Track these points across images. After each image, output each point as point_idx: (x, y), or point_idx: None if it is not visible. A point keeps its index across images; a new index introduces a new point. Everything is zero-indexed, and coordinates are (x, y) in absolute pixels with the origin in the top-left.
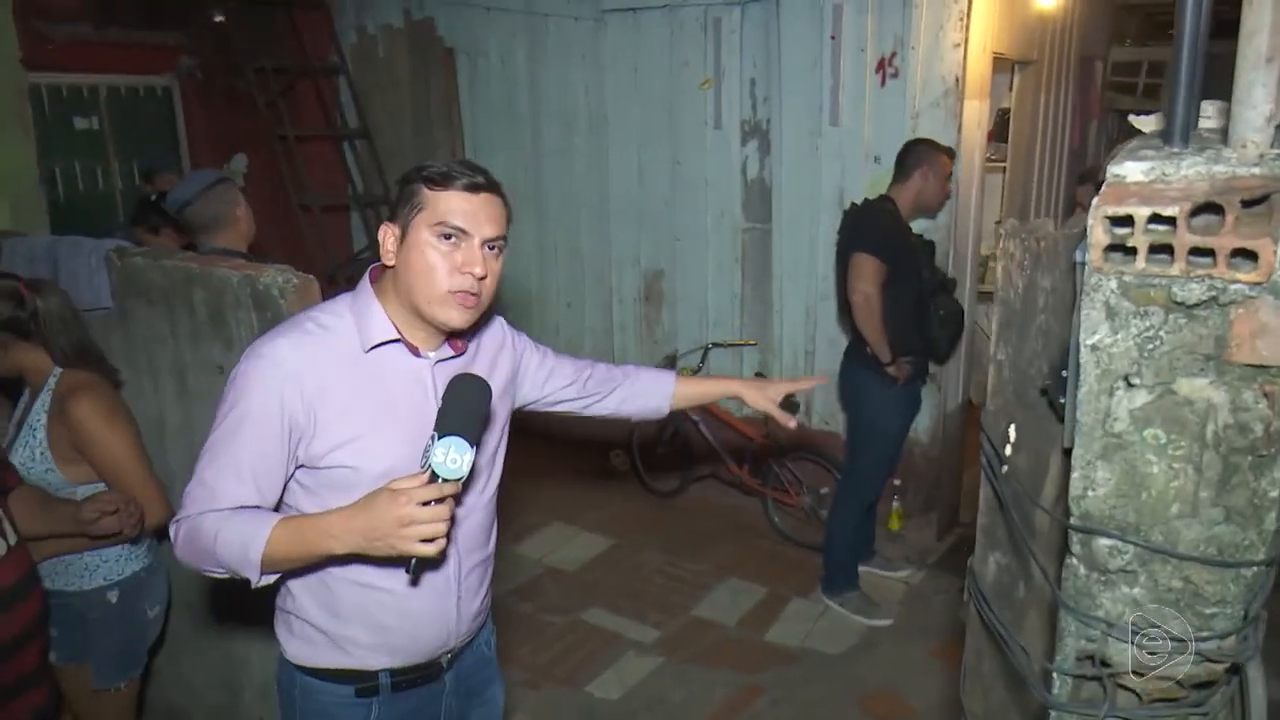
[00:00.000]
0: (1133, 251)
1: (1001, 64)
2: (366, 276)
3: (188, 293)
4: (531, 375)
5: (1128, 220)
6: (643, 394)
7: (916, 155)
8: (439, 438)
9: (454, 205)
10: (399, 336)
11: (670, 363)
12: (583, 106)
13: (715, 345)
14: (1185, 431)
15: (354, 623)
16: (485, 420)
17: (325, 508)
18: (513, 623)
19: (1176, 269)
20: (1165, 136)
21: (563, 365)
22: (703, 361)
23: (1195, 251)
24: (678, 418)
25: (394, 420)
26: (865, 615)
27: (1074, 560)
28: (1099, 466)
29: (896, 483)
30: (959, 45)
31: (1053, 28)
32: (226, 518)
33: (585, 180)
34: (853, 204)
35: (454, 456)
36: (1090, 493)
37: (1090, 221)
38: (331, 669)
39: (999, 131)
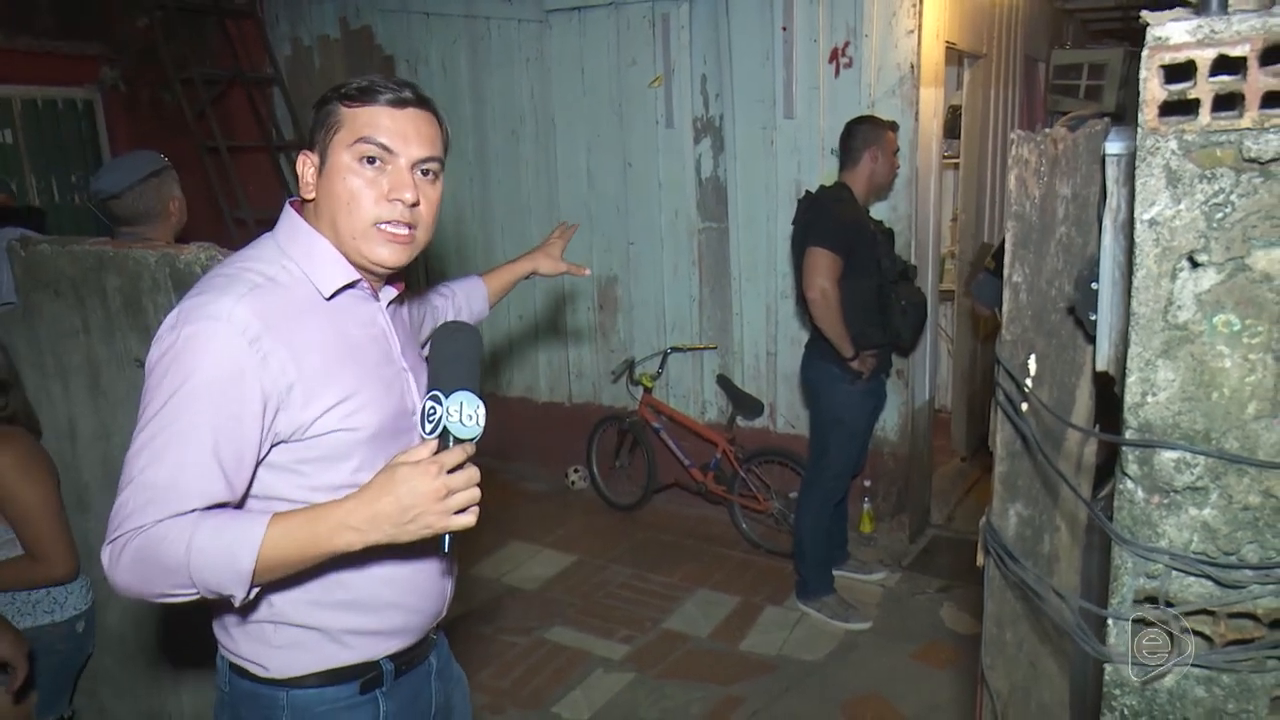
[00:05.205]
0: (1194, 107)
1: (950, 58)
2: (292, 214)
3: (100, 280)
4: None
5: (1186, 72)
6: (466, 305)
7: (862, 137)
8: (446, 395)
9: (376, 121)
10: (359, 278)
11: (628, 368)
12: (528, 111)
13: (674, 350)
14: (1263, 314)
15: (360, 610)
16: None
17: (313, 485)
18: (471, 645)
19: (1248, 120)
20: (1201, 7)
21: (442, 305)
22: (662, 367)
23: (1269, 101)
24: (639, 428)
25: (371, 371)
26: (842, 619)
27: (1129, 484)
28: (1160, 366)
29: (867, 484)
30: (912, 32)
31: (999, 23)
32: (196, 523)
33: (533, 187)
34: (807, 192)
35: (469, 413)
36: (1150, 398)
37: (1143, 74)
38: (329, 670)
39: (950, 128)
